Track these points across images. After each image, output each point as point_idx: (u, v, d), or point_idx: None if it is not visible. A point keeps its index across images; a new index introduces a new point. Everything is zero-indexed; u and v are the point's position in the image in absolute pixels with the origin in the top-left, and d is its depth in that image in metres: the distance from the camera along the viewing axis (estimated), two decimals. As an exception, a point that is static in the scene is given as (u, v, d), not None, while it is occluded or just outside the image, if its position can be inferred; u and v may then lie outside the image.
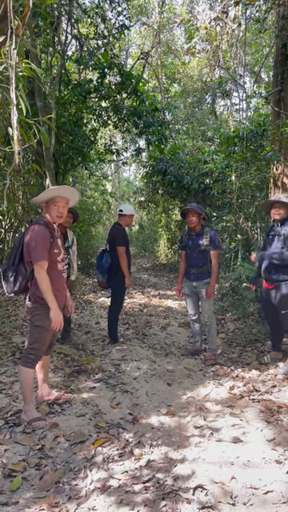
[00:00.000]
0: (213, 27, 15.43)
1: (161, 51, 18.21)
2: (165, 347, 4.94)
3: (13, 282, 2.92)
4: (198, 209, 4.44)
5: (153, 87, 19.33)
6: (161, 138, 12.29)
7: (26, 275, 2.91)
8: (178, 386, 3.75)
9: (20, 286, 2.93)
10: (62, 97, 10.60)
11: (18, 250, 2.94)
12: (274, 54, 6.95)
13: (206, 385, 3.79)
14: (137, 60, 12.72)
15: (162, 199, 13.84)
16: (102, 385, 3.69)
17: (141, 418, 3.11)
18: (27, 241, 2.87)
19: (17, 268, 2.92)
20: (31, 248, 2.82)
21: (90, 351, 4.58)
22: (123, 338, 5.23)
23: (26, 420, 2.92)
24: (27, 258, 2.89)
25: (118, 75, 10.64)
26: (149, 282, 10.80)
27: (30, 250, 2.83)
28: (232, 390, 3.63)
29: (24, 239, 2.92)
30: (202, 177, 10.18)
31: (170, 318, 6.63)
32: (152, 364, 4.28)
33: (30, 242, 2.83)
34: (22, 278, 2.91)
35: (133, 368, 4.13)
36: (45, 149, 7.51)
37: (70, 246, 4.55)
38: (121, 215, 4.91)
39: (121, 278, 4.76)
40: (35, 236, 2.84)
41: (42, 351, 3.01)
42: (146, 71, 17.07)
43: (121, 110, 11.68)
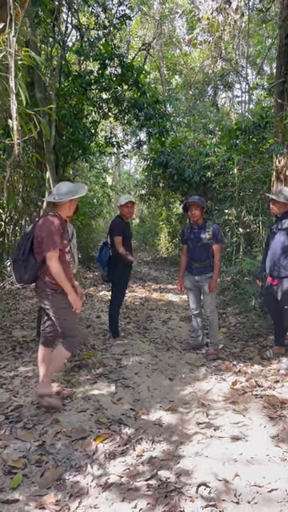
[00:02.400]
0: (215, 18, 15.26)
1: (162, 42, 18.02)
2: (166, 341, 4.91)
3: (23, 272, 2.99)
4: (200, 202, 4.38)
5: (154, 79, 19.16)
6: (162, 130, 12.18)
7: (34, 265, 2.97)
8: (180, 381, 3.72)
9: (30, 275, 3.00)
10: (62, 88, 10.48)
11: (29, 241, 3.00)
12: (277, 45, 6.85)
13: (208, 380, 3.76)
14: (138, 51, 12.58)
15: (163, 192, 13.76)
16: (103, 380, 3.66)
17: (142, 413, 3.08)
18: (40, 230, 2.95)
19: (27, 258, 2.98)
20: (45, 236, 2.90)
21: (90, 345, 4.54)
22: (124, 332, 5.20)
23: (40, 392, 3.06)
24: (38, 249, 2.95)
25: (118, 66, 10.52)
26: (149, 276, 10.75)
27: (43, 238, 2.90)
28: (234, 385, 3.60)
29: (35, 230, 2.99)
30: (204, 170, 10.10)
31: (171, 312, 6.60)
32: (153, 358, 4.25)
33: (44, 230, 2.91)
34: (32, 267, 2.97)
35: (134, 362, 4.09)
36: (45, 141, 7.43)
37: (70, 239, 4.48)
38: (119, 207, 4.87)
39: (121, 272, 4.71)
40: (49, 225, 2.93)
41: (77, 332, 3.21)
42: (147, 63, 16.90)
43: (121, 101, 11.56)
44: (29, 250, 2.98)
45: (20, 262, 2.98)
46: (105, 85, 11.01)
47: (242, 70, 13.90)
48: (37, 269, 2.98)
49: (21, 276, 3.01)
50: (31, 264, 2.97)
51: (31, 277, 3.02)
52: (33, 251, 2.99)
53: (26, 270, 2.97)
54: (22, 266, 2.97)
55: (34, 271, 2.98)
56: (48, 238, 2.90)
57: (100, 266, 4.79)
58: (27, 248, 2.98)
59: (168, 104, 13.64)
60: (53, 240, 2.90)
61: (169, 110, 15.55)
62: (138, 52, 12.75)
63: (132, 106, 11.54)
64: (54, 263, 2.92)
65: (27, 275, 3.00)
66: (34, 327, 5.06)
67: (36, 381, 3.53)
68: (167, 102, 12.72)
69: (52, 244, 2.90)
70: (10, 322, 5.31)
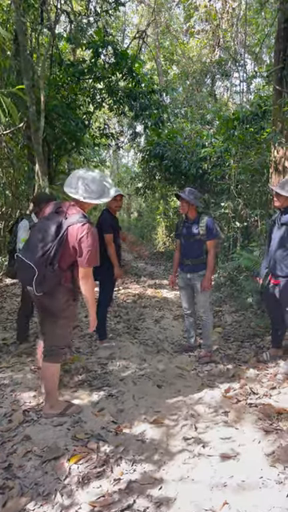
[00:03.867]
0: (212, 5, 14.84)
1: (159, 31, 17.58)
2: (157, 343, 4.63)
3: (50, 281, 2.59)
4: (189, 196, 4.04)
5: (151, 69, 18.74)
6: (158, 121, 11.84)
7: (60, 274, 2.63)
8: (169, 388, 3.44)
9: (54, 284, 2.63)
10: (54, 78, 10.14)
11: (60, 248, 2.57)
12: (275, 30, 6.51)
13: (200, 387, 3.48)
14: (133, 39, 12.18)
15: (160, 185, 13.43)
16: (85, 387, 3.39)
17: (125, 427, 2.80)
18: (81, 242, 2.55)
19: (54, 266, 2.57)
20: (91, 250, 2.58)
21: (75, 348, 4.26)
22: (113, 332, 4.92)
23: (54, 414, 2.84)
24: (69, 256, 2.61)
25: (112, 55, 10.16)
26: (145, 271, 10.46)
27: (87, 251, 2.56)
28: (227, 392, 3.32)
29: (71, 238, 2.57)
30: (200, 162, 9.78)
31: (164, 310, 6.32)
32: (142, 363, 3.97)
33: (91, 243, 2.58)
34: (58, 275, 2.62)
35: (121, 368, 3.82)
36: (32, 131, 7.10)
37: None
38: None
39: (109, 270, 4.34)
40: (94, 239, 2.61)
41: (68, 341, 3.04)
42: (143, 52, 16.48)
43: (116, 91, 11.21)
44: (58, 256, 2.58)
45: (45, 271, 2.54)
46: (98, 74, 10.66)
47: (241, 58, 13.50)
48: (60, 277, 2.63)
49: (42, 288, 2.58)
50: (58, 271, 2.60)
51: (53, 286, 2.64)
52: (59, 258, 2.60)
53: (52, 279, 2.59)
54: (49, 276, 2.56)
55: (58, 280, 2.63)
56: (94, 253, 2.60)
57: None
58: (57, 254, 2.56)
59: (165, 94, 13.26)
60: (94, 257, 2.62)
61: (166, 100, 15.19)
62: (133, 40, 12.34)
63: (127, 95, 11.19)
64: (91, 280, 2.68)
65: (51, 284, 2.61)
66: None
67: (11, 390, 3.26)
68: (163, 91, 12.34)
69: (92, 261, 2.62)
70: (-7, 323, 5.04)
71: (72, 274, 2.70)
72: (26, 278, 2.61)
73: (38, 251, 2.55)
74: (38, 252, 2.54)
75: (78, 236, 2.55)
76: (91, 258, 2.59)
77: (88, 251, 2.57)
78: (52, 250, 2.53)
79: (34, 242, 2.63)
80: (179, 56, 17.75)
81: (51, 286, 2.60)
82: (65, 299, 2.71)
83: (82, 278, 2.64)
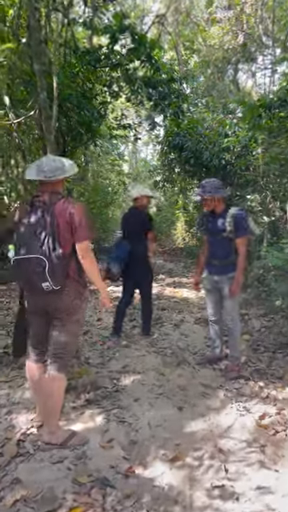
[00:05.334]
0: (236, -11, 14.12)
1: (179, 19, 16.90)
2: (177, 353, 4.09)
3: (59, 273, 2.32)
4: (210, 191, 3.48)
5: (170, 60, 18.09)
6: (177, 111, 11.26)
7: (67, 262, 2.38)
8: (191, 412, 2.91)
9: (64, 275, 2.37)
10: (68, 65, 9.66)
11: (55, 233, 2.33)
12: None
13: (228, 410, 2.94)
14: (152, 24, 11.59)
15: (179, 178, 12.84)
16: (93, 408, 2.89)
17: (138, 465, 2.29)
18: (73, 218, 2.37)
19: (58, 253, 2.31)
20: (83, 222, 2.40)
21: (85, 358, 3.77)
22: (128, 339, 4.42)
23: (54, 445, 2.42)
24: (66, 237, 2.36)
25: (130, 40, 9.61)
26: (163, 269, 9.94)
27: (79, 225, 2.37)
28: (262, 419, 2.78)
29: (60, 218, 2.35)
30: (223, 152, 9.16)
31: (184, 312, 5.78)
32: (160, 378, 3.45)
33: (80, 216, 2.39)
34: (66, 265, 2.37)
35: (135, 384, 3.31)
36: (44, 120, 6.64)
37: None
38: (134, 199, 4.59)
39: (148, 268, 4.44)
40: (82, 213, 2.43)
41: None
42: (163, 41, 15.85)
43: (133, 80, 10.68)
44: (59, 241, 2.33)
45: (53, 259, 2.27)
46: (115, 61, 10.14)
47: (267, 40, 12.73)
48: (67, 266, 2.37)
49: (58, 278, 2.30)
50: (63, 258, 2.32)
51: (63, 279, 2.36)
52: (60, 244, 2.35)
53: (63, 268, 2.34)
54: (59, 264, 2.29)
55: (66, 270, 2.38)
56: (86, 224, 2.40)
57: (116, 263, 4.22)
58: (56, 239, 2.31)
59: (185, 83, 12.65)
60: (87, 230, 2.41)
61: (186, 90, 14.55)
62: (152, 25, 11.76)
63: (145, 84, 10.64)
64: (91, 254, 2.42)
65: (64, 274, 2.35)
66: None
67: (7, 411, 2.79)
68: (184, 80, 11.73)
69: (87, 234, 2.41)
70: (-4, 327, 4.60)
71: (77, 264, 2.45)
72: (34, 276, 2.29)
73: (36, 243, 2.30)
74: (36, 244, 2.30)
75: (68, 211, 2.38)
76: (87, 231, 2.42)
77: (83, 224, 2.39)
78: (49, 235, 2.30)
79: (25, 238, 2.35)
80: (200, 44, 17.03)
81: (62, 278, 2.34)
82: (73, 297, 2.45)
83: (83, 254, 2.40)
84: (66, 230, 2.36)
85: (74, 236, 2.39)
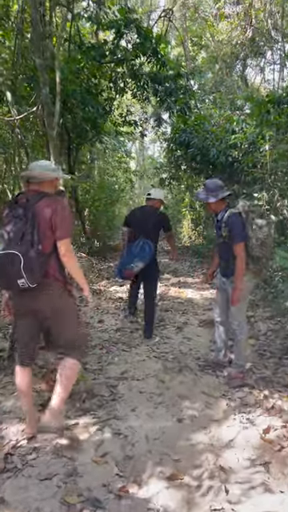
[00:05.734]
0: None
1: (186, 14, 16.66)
2: (179, 358, 3.92)
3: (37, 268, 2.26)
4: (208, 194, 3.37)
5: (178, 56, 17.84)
6: (184, 107, 11.07)
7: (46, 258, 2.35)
8: (191, 424, 2.75)
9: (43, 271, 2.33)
10: (72, 59, 9.50)
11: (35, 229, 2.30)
12: None
13: (231, 422, 2.77)
14: (159, 18, 11.38)
15: (186, 176, 12.65)
16: (88, 419, 2.74)
17: (133, 483, 2.13)
18: (49, 214, 2.34)
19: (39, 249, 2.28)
20: (66, 219, 2.40)
21: (82, 363, 3.61)
22: (127, 344, 4.26)
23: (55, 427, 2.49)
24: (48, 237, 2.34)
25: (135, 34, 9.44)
26: (169, 268, 9.75)
27: (61, 222, 2.36)
28: (267, 433, 2.60)
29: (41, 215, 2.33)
30: (230, 149, 8.96)
31: (188, 314, 5.61)
32: (160, 385, 3.29)
33: (62, 213, 2.38)
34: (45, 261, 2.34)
35: (134, 392, 3.15)
36: (46, 115, 6.49)
37: None
38: (150, 199, 4.71)
39: (155, 268, 4.61)
40: (66, 210, 2.46)
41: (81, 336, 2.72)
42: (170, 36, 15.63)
43: (139, 75, 10.50)
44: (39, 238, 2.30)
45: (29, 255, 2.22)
46: (121, 56, 9.96)
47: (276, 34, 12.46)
48: (46, 263, 2.35)
49: (34, 275, 2.24)
50: (44, 256, 2.31)
51: (43, 272, 2.33)
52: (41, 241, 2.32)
53: (41, 266, 2.29)
54: (35, 260, 2.23)
55: (45, 267, 2.35)
56: (68, 221, 2.42)
57: (140, 262, 4.26)
58: (36, 236, 2.28)
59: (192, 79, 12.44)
60: (69, 227, 2.44)
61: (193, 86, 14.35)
62: (159, 19, 11.53)
63: (151, 80, 10.47)
64: (72, 252, 2.45)
65: (41, 272, 2.30)
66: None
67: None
68: (191, 75, 11.52)
69: (69, 232, 2.43)
70: (-6, 329, 4.47)
71: (58, 262, 2.42)
72: (10, 272, 2.22)
73: (14, 239, 2.27)
74: (14, 240, 2.26)
75: (50, 208, 2.35)
76: (69, 228, 2.45)
77: (64, 221, 2.38)
78: (28, 232, 2.26)
79: (5, 235, 2.30)
80: (208, 40, 16.77)
81: (39, 275, 2.27)
82: (57, 296, 2.43)
83: (65, 252, 2.39)
84: (46, 227, 2.33)
85: (55, 233, 2.36)
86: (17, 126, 7.52)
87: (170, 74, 10.02)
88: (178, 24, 16.65)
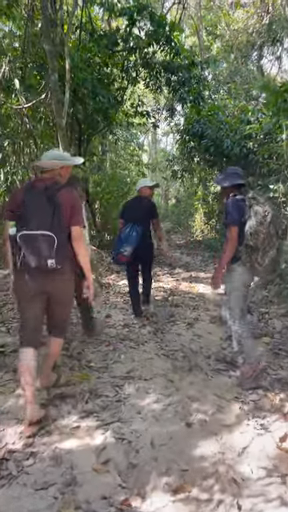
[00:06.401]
0: None
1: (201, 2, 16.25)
2: (189, 356, 3.72)
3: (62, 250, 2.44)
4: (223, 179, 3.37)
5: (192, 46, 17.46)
6: (198, 97, 10.78)
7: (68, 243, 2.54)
8: (202, 429, 2.55)
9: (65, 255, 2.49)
10: (83, 47, 9.28)
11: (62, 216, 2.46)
12: None
13: (244, 428, 2.56)
14: (173, 4, 11.07)
15: (199, 168, 12.37)
16: (90, 421, 2.57)
17: (135, 498, 1.95)
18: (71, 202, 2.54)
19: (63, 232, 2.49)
20: (79, 209, 2.59)
21: (86, 361, 3.44)
22: (135, 340, 4.08)
23: (51, 382, 2.94)
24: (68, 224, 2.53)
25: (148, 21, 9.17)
26: (180, 262, 9.53)
27: (75, 211, 2.55)
28: (283, 441, 2.39)
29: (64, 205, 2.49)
30: (245, 140, 8.68)
31: (199, 310, 5.40)
32: (168, 386, 3.10)
33: (76, 203, 2.59)
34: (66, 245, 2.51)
35: (140, 392, 2.97)
36: (54, 103, 6.29)
37: None
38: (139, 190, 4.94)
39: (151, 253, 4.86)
40: (79, 200, 2.67)
41: None
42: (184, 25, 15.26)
43: (152, 64, 10.23)
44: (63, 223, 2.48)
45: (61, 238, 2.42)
46: (133, 44, 9.70)
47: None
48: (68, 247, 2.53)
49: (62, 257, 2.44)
50: (67, 242, 2.53)
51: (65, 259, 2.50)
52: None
53: (65, 249, 2.48)
54: (64, 243, 2.47)
55: (68, 250, 2.53)
56: (81, 212, 2.60)
57: (128, 246, 4.42)
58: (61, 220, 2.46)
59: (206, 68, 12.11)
60: (82, 216, 2.63)
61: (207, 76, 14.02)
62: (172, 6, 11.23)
63: (164, 69, 10.20)
64: (84, 242, 2.62)
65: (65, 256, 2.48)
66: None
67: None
68: (205, 64, 11.21)
69: (82, 220, 2.62)
70: (-4, 323, 4.33)
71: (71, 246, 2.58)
72: (44, 252, 2.38)
73: (44, 222, 2.40)
74: (44, 222, 2.40)
75: (71, 197, 2.56)
76: (82, 217, 2.63)
77: (80, 210, 2.60)
78: (56, 216, 2.43)
79: (33, 217, 2.42)
80: (223, 29, 16.35)
81: (64, 258, 2.46)
82: (68, 277, 2.63)
83: (79, 238, 2.57)
84: (67, 215, 2.50)
85: (71, 220, 2.52)
86: (25, 115, 7.37)
87: (183, 64, 9.74)
88: (193, 13, 16.28)
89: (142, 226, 4.54)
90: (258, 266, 3.11)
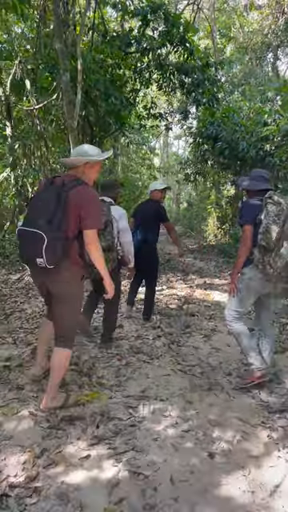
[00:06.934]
0: None
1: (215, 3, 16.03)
2: (207, 373, 3.44)
3: (59, 250, 2.36)
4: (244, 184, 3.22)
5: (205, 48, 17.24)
6: (212, 98, 10.53)
7: (68, 242, 2.43)
8: (226, 460, 2.27)
9: (64, 255, 2.41)
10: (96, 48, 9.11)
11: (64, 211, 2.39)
12: None
13: (274, 461, 2.28)
14: (187, 5, 10.85)
15: (212, 171, 12.10)
16: (101, 449, 2.30)
17: None
18: (81, 203, 2.45)
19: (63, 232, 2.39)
20: (93, 210, 2.50)
21: (97, 378, 3.18)
22: (149, 354, 3.81)
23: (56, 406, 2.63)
24: (75, 223, 2.45)
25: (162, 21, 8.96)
26: (194, 267, 9.26)
27: (89, 212, 2.47)
28: None
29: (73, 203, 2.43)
30: (261, 142, 8.40)
31: (216, 320, 5.12)
32: (186, 407, 2.82)
33: (92, 203, 2.51)
34: (68, 245, 2.43)
35: (156, 415, 2.69)
36: (65, 104, 6.09)
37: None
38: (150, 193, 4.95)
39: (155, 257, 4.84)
40: (95, 200, 2.57)
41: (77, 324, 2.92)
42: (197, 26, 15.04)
43: (165, 66, 10.01)
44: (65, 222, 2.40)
45: (54, 238, 2.32)
46: (146, 45, 9.50)
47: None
48: (68, 246, 2.43)
49: (54, 257, 2.34)
50: (68, 240, 2.42)
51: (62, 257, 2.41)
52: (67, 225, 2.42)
53: (63, 249, 2.37)
54: (58, 243, 2.34)
55: (67, 249, 2.42)
56: (97, 213, 2.55)
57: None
58: (64, 221, 2.38)
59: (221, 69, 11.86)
60: (98, 218, 2.55)
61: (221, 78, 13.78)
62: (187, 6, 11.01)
63: (177, 70, 9.97)
64: (98, 245, 2.51)
65: (62, 255, 2.39)
66: (29, 342, 3.80)
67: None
68: (219, 65, 10.97)
69: (97, 223, 2.52)
70: (2, 333, 4.08)
71: (80, 246, 2.51)
72: (32, 250, 2.36)
73: (42, 218, 2.36)
74: (42, 219, 2.35)
75: (84, 198, 2.47)
76: (96, 220, 2.52)
77: (96, 212, 2.52)
78: (57, 214, 2.37)
79: (34, 213, 2.45)
80: (238, 30, 16.11)
81: (60, 256, 2.37)
82: (72, 275, 2.53)
83: (91, 242, 2.48)
84: (75, 214, 2.42)
85: (83, 222, 2.44)
86: (36, 116, 7.19)
87: (197, 65, 9.52)
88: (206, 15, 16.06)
89: (144, 231, 4.62)
90: (269, 268, 2.87)
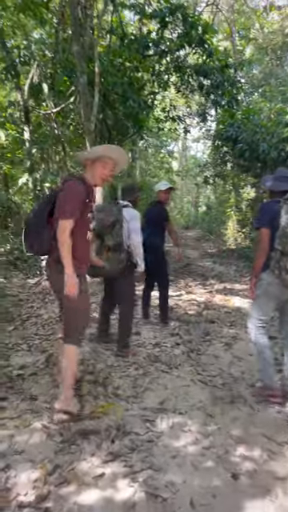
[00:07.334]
0: None
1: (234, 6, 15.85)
2: (229, 384, 3.27)
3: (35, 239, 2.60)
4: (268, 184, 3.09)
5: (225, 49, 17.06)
6: (232, 100, 10.38)
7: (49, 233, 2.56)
8: (251, 482, 2.10)
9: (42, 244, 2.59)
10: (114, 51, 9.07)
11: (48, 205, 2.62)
12: None
13: (303, 483, 2.11)
14: (206, 6, 10.73)
15: (232, 174, 11.88)
16: (117, 468, 2.16)
17: None
18: (60, 196, 2.56)
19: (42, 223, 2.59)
20: (60, 204, 2.53)
21: (113, 388, 3.04)
22: (167, 363, 3.66)
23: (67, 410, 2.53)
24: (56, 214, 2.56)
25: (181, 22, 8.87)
26: (213, 272, 9.05)
27: (58, 206, 2.54)
28: None
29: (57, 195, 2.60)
30: (283, 143, 8.16)
31: (237, 327, 4.93)
32: (207, 421, 2.66)
33: (63, 196, 2.54)
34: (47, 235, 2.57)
35: (174, 430, 2.54)
36: (82, 106, 6.02)
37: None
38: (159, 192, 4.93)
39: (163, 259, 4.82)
40: (69, 191, 2.56)
41: (87, 320, 2.91)
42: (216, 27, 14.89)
43: (184, 68, 9.92)
44: (47, 214, 2.60)
45: (33, 227, 2.60)
46: (164, 48, 9.43)
47: None
48: (52, 237, 2.54)
49: (31, 244, 2.63)
50: (46, 230, 2.56)
51: (44, 246, 2.59)
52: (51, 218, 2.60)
53: (40, 237, 2.57)
54: (35, 232, 2.58)
55: (47, 240, 2.55)
56: (64, 205, 2.51)
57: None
58: (44, 212, 2.60)
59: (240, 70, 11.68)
60: (68, 209, 2.49)
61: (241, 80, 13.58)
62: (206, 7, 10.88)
63: (196, 72, 9.87)
64: (62, 233, 2.46)
65: (39, 243, 2.60)
66: (44, 349, 3.70)
67: (5, 465, 2.13)
68: (239, 66, 10.80)
69: (66, 214, 2.48)
70: (17, 339, 3.99)
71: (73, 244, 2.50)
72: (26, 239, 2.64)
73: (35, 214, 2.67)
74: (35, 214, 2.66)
75: (64, 188, 2.59)
76: (67, 210, 2.49)
77: (64, 202, 2.51)
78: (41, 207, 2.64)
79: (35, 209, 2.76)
80: (257, 31, 15.88)
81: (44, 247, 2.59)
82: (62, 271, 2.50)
83: (59, 232, 2.47)
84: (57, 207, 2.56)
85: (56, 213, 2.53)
86: (53, 120, 7.16)
87: (216, 66, 9.39)
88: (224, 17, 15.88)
89: (149, 233, 4.55)
90: (285, 274, 2.70)
